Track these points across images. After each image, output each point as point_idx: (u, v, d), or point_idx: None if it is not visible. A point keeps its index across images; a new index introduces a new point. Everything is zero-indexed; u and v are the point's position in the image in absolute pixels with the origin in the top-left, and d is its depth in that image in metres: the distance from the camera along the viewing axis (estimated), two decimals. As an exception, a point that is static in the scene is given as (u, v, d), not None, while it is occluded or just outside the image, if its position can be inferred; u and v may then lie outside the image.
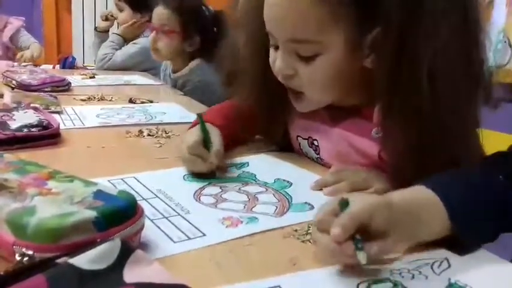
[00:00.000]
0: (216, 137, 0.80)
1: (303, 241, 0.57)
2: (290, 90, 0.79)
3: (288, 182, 0.76)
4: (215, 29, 1.77)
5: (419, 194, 0.55)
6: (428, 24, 0.62)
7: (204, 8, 1.81)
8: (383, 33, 0.66)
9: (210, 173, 0.77)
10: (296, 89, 0.77)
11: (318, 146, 0.85)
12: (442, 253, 0.54)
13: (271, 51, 0.78)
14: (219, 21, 1.74)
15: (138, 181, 0.74)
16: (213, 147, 0.77)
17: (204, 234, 0.57)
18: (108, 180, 0.73)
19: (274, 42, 0.76)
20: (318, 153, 0.86)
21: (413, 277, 0.49)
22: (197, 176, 0.77)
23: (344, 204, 0.50)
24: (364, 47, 0.69)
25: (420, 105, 0.63)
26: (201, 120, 0.80)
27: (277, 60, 0.75)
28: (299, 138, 0.89)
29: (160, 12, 1.77)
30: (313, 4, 0.67)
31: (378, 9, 0.64)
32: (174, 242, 0.55)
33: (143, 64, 2.24)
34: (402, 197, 0.54)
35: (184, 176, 0.77)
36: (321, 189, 0.73)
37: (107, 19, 2.39)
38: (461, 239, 0.53)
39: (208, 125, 0.82)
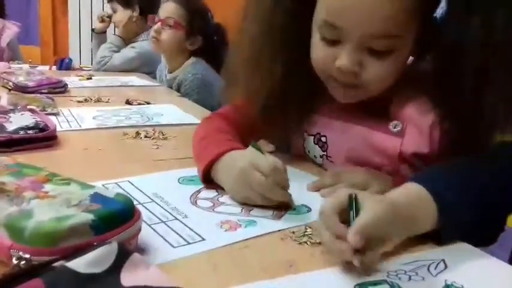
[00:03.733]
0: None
1: (300, 243, 0.57)
2: (337, 82, 0.74)
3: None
4: (215, 37, 1.82)
5: (415, 193, 0.58)
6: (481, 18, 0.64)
7: (209, 13, 1.86)
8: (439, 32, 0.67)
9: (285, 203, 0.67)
10: (352, 84, 0.73)
11: (325, 142, 0.83)
12: (439, 254, 0.54)
13: (322, 45, 0.72)
14: (220, 31, 1.80)
15: (133, 185, 0.73)
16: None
17: (204, 239, 0.57)
18: (103, 185, 0.72)
19: (336, 36, 0.70)
20: (325, 150, 0.83)
21: (410, 278, 0.49)
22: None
23: (352, 201, 0.52)
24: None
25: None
26: (257, 147, 0.69)
27: (341, 57, 0.70)
28: (305, 134, 0.86)
29: (168, 6, 1.82)
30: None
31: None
32: (174, 247, 0.55)
33: (141, 68, 2.24)
34: (403, 199, 0.57)
35: (179, 178, 0.77)
36: (318, 191, 0.73)
37: (103, 20, 2.39)
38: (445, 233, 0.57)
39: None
